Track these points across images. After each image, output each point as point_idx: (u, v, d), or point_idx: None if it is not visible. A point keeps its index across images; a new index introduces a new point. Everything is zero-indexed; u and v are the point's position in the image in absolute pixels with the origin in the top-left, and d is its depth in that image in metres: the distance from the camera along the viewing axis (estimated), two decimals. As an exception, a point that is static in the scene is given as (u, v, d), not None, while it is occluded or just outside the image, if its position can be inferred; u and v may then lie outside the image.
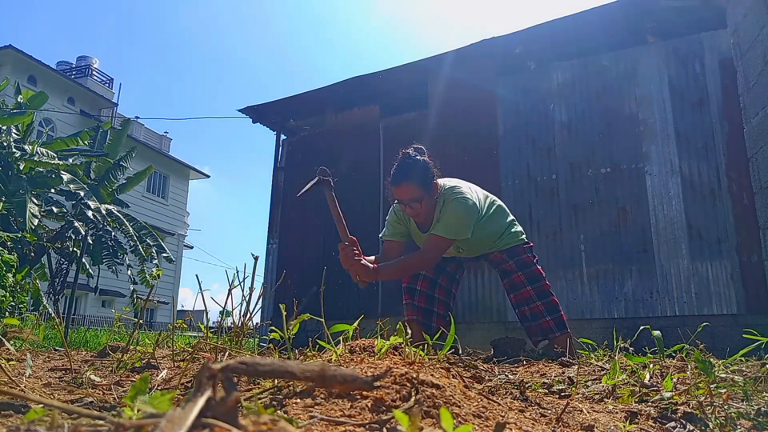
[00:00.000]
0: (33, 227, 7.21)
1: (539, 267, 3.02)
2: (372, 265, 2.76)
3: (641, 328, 1.89)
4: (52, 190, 8.54)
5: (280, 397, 0.87)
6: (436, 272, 3.13)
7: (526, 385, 1.40)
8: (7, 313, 3.77)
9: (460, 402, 0.89)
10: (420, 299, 3.07)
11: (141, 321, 1.95)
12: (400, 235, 3.04)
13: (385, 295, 7.12)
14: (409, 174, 2.77)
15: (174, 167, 25.23)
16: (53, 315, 4.25)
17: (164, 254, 10.17)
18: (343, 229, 2.78)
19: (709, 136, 5.77)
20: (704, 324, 2.11)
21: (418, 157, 2.84)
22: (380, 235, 3.14)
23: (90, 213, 8.54)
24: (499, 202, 3.08)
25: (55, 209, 8.80)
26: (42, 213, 8.14)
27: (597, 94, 6.42)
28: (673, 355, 1.83)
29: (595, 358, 2.07)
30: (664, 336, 1.78)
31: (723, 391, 1.23)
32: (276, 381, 0.92)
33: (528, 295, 2.94)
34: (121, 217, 9.31)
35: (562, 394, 1.39)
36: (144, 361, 1.83)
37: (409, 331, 1.34)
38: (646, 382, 1.38)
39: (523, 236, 3.08)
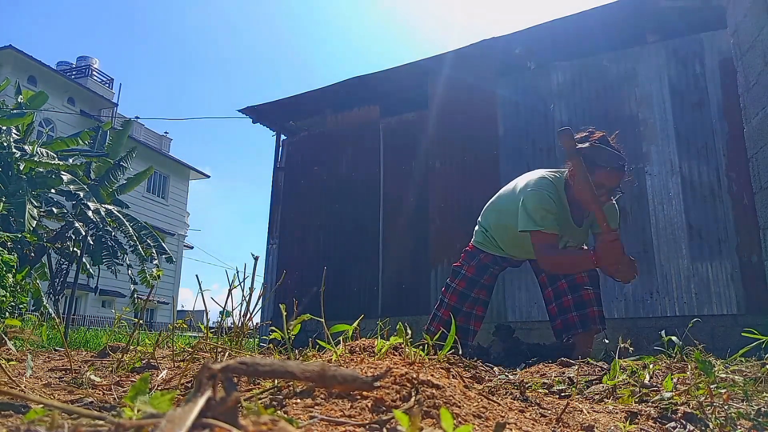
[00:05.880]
0: (32, 228, 7.21)
1: None
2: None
3: (646, 329, 1.89)
4: (52, 191, 8.54)
5: (280, 397, 0.87)
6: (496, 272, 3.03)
7: (526, 386, 1.40)
8: (7, 313, 3.77)
9: (460, 402, 0.89)
10: (480, 291, 2.94)
11: (141, 321, 1.94)
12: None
13: (385, 295, 7.12)
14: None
15: (174, 167, 25.23)
16: (53, 315, 4.26)
17: (165, 255, 10.18)
18: (601, 216, 2.44)
19: (709, 136, 5.77)
20: (695, 320, 2.10)
21: None
22: (541, 228, 2.63)
23: (90, 213, 8.54)
24: None
25: (55, 210, 8.80)
26: (42, 213, 8.14)
27: (597, 94, 6.42)
28: (674, 355, 1.82)
29: (596, 359, 2.08)
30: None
31: (723, 391, 1.23)
32: (276, 381, 0.92)
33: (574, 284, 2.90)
34: (121, 217, 9.30)
35: (562, 394, 1.39)
36: (144, 362, 1.83)
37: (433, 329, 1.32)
38: (646, 382, 1.38)
39: None
